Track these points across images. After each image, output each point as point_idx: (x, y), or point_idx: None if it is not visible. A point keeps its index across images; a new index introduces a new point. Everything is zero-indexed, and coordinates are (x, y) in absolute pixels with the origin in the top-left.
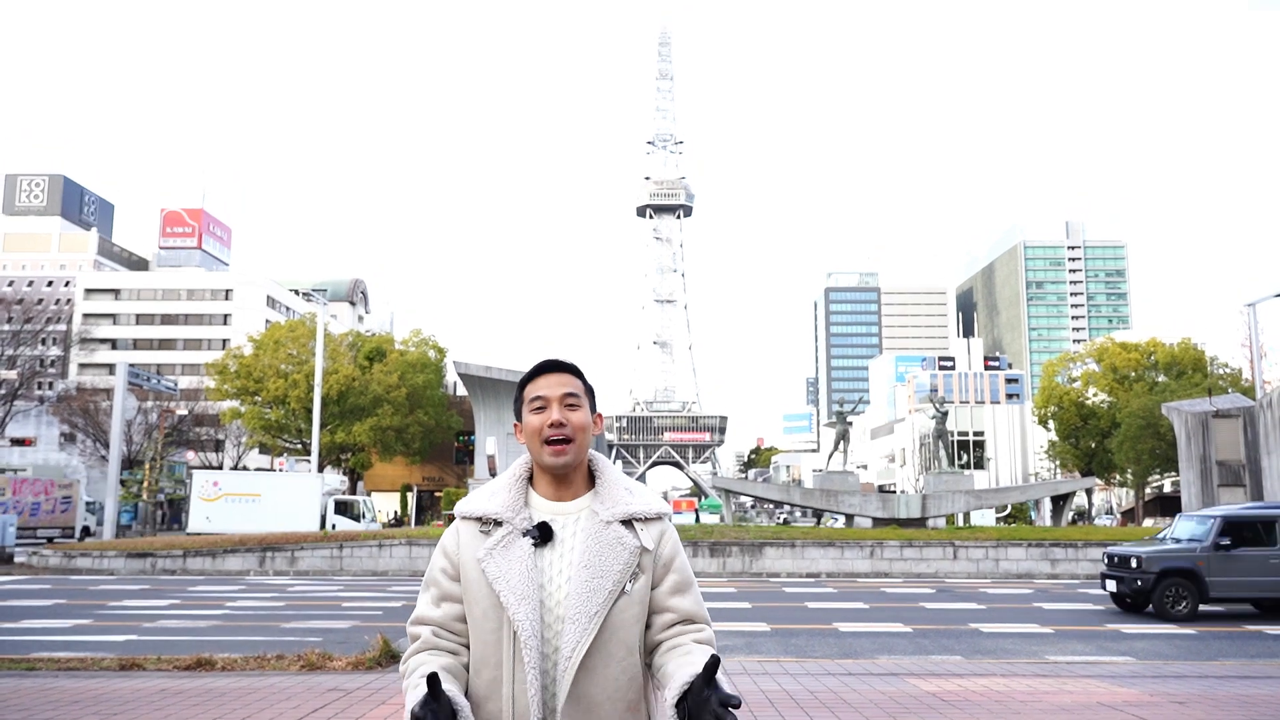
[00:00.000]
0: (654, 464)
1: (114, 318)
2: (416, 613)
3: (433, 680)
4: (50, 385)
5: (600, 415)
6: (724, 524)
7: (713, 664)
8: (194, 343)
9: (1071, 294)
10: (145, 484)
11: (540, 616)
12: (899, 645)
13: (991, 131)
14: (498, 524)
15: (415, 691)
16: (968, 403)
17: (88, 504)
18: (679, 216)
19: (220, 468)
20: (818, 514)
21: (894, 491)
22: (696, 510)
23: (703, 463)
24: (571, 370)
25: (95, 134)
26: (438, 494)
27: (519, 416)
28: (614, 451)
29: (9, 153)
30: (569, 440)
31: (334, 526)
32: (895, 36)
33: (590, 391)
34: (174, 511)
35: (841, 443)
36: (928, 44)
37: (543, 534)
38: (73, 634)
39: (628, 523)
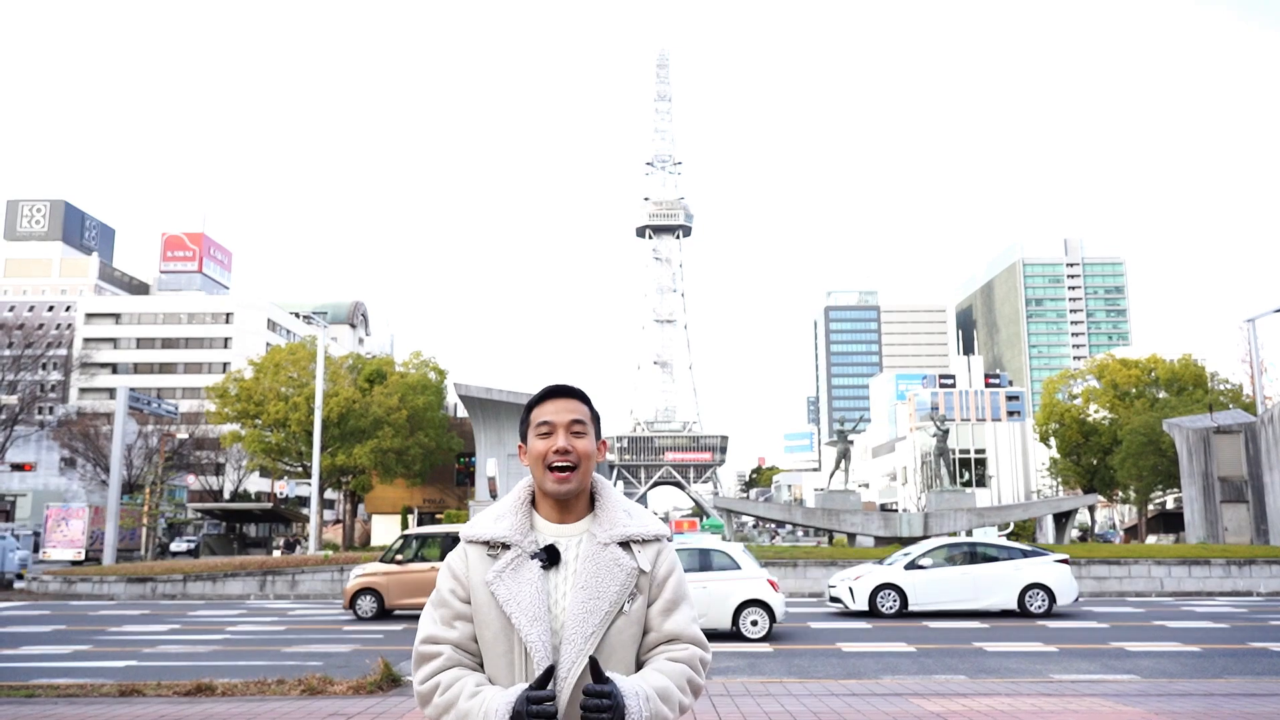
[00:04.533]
0: (655, 484)
1: (114, 342)
2: (427, 632)
3: (549, 672)
4: (50, 410)
5: (604, 442)
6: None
7: (591, 663)
8: (194, 366)
9: (1071, 311)
10: (145, 508)
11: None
12: (902, 665)
13: (990, 149)
14: (505, 547)
15: (501, 696)
16: (969, 420)
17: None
18: (678, 237)
19: (220, 492)
20: (828, 533)
21: (896, 510)
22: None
23: (704, 482)
24: (579, 397)
25: (96, 159)
26: (439, 516)
27: (524, 438)
28: (615, 472)
29: (10, 178)
30: (572, 468)
31: None
32: (893, 55)
33: (596, 418)
34: (172, 535)
35: (843, 461)
36: (926, 62)
37: (550, 556)
38: (72, 660)
39: (625, 545)
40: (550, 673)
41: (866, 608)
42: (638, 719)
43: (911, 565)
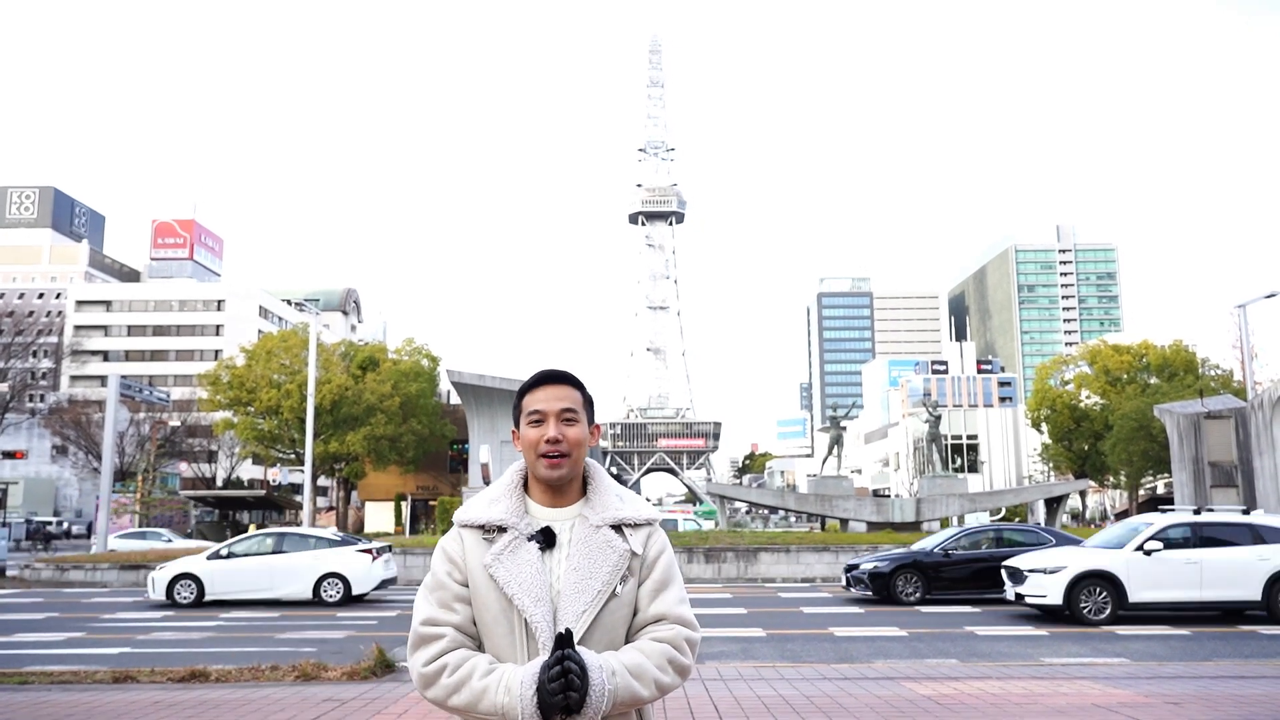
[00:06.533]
0: (648, 470)
1: (105, 329)
2: (426, 614)
3: (566, 636)
4: (42, 398)
5: (598, 427)
6: (719, 530)
7: (562, 637)
8: (186, 354)
9: (1063, 297)
10: (138, 496)
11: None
12: (894, 649)
13: (982, 136)
14: (501, 530)
15: (521, 669)
16: (961, 406)
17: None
18: (671, 223)
19: (213, 479)
20: (820, 519)
21: (888, 496)
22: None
23: (697, 469)
24: (571, 382)
25: (86, 146)
26: (432, 503)
27: (517, 425)
28: (608, 459)
29: None
30: (565, 455)
31: None
32: (886, 43)
33: (589, 403)
34: (163, 524)
35: (835, 447)
36: (919, 49)
37: (547, 538)
38: (65, 647)
39: (618, 528)
40: (564, 638)
41: (164, 598)
42: (600, 690)
43: (215, 555)
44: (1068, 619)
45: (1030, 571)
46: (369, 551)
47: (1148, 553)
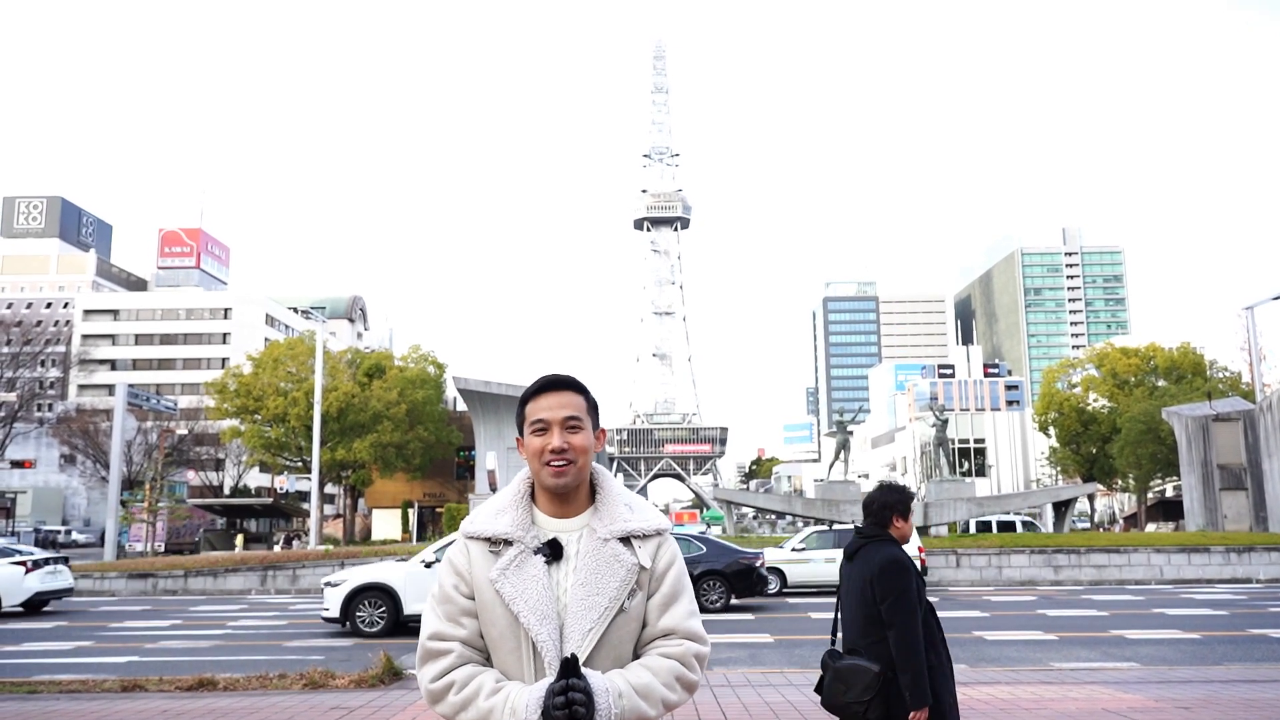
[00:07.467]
0: (655, 476)
1: (113, 338)
2: (433, 628)
3: (572, 662)
4: (50, 407)
5: (603, 431)
6: (726, 535)
7: (567, 663)
8: (193, 362)
9: (1070, 300)
10: (146, 504)
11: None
12: None
13: (988, 139)
14: (508, 543)
15: (528, 691)
16: (968, 410)
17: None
18: (676, 229)
19: (220, 487)
20: (828, 523)
21: None
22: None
23: (704, 474)
24: (574, 388)
25: (93, 155)
26: (439, 510)
27: (521, 432)
28: (615, 464)
29: (7, 175)
30: (570, 463)
31: None
32: (890, 46)
33: (594, 408)
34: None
35: (842, 452)
36: (923, 52)
37: (553, 551)
38: (74, 656)
39: (626, 540)
40: (570, 664)
41: None
42: (607, 715)
43: None
44: (350, 632)
45: (325, 585)
46: (23, 564)
47: (428, 565)
